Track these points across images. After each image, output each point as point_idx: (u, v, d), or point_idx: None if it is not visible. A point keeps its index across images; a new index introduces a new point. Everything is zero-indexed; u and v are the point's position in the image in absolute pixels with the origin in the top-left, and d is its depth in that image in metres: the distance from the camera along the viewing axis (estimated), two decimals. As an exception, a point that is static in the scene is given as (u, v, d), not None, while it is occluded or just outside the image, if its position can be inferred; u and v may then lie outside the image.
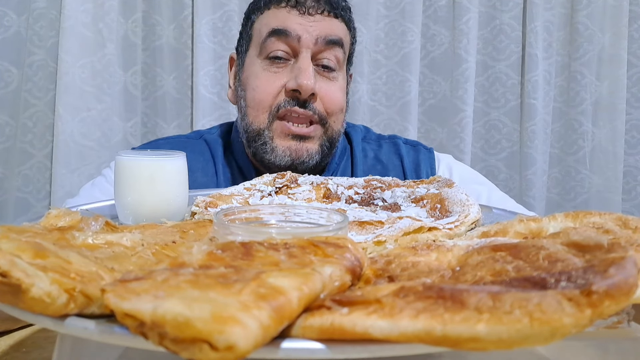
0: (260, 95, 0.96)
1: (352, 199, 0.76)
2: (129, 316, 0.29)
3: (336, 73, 1.00)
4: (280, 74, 0.96)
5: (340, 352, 0.30)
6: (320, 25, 0.97)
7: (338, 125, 1.01)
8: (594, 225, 0.51)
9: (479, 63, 1.83)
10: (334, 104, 0.98)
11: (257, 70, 0.98)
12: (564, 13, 1.85)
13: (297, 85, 0.93)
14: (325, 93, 0.97)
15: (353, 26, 1.06)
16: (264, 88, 0.96)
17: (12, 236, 0.39)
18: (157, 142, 1.16)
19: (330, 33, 0.97)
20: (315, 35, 0.96)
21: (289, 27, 0.96)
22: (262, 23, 0.99)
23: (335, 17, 1.00)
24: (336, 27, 0.99)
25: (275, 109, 0.95)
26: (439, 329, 0.28)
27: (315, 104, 0.96)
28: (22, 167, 1.61)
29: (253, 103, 0.97)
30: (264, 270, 0.33)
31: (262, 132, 0.97)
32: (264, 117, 0.96)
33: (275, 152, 0.96)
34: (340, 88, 1.00)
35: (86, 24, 1.59)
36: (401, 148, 1.13)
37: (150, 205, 0.67)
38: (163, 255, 0.44)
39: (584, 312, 0.28)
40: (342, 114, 1.01)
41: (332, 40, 0.97)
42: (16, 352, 0.62)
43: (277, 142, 0.96)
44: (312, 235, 0.43)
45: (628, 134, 1.90)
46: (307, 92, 0.93)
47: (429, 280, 0.39)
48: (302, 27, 0.96)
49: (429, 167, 1.11)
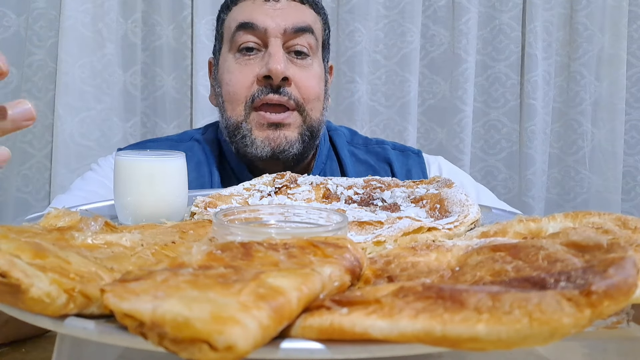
0: (234, 87, 0.96)
1: (351, 199, 0.76)
2: (128, 316, 0.29)
3: (310, 59, 0.98)
4: (252, 65, 0.96)
5: (339, 352, 0.30)
6: (286, 13, 0.96)
7: (317, 113, 0.99)
8: (594, 225, 0.51)
9: (479, 63, 1.83)
10: (308, 89, 0.96)
11: (230, 65, 0.98)
12: (564, 13, 1.85)
13: (267, 71, 0.92)
14: (299, 79, 0.95)
15: (323, 11, 1.04)
16: (237, 80, 0.96)
17: (12, 236, 0.39)
18: (146, 143, 1.15)
19: (298, 21, 0.96)
20: (283, 25, 0.94)
21: (255, 19, 0.95)
22: (231, 19, 0.99)
23: (301, 3, 0.99)
24: (303, 13, 0.98)
25: (250, 99, 0.95)
26: (438, 329, 0.28)
27: (290, 89, 0.94)
28: (22, 167, 1.61)
29: (228, 97, 0.97)
30: (264, 271, 0.33)
31: (240, 124, 0.96)
32: (240, 110, 0.96)
33: (255, 144, 0.95)
34: (314, 74, 0.99)
35: (86, 24, 1.59)
36: (389, 153, 1.11)
37: (149, 205, 0.67)
38: (162, 256, 0.44)
39: (584, 312, 0.28)
40: (319, 101, 0.99)
41: (301, 27, 0.96)
42: (16, 352, 0.62)
43: (256, 134, 0.95)
44: (312, 236, 0.43)
45: (627, 134, 1.90)
46: (278, 76, 0.92)
47: (429, 280, 0.39)
48: (268, 17, 0.95)
49: (420, 171, 1.10)
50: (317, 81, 0.99)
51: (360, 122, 1.74)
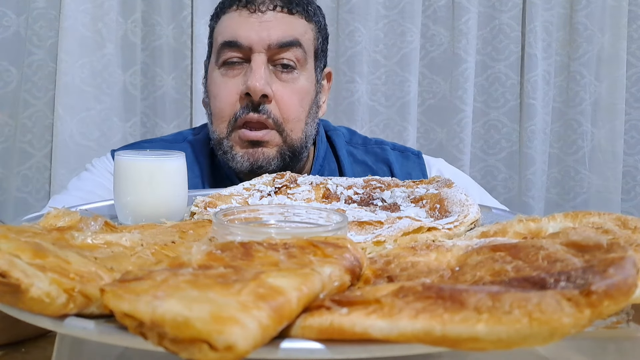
0: (220, 104, 0.97)
1: (351, 199, 0.76)
2: (128, 316, 0.29)
3: (297, 72, 0.96)
4: (236, 79, 0.95)
5: (339, 352, 0.30)
6: (272, 26, 0.94)
7: (297, 133, 0.97)
8: (593, 225, 0.51)
9: (479, 63, 1.83)
10: (289, 108, 0.95)
11: (216, 77, 0.98)
12: (563, 13, 1.85)
13: (246, 88, 0.92)
14: (281, 96, 0.94)
15: (316, 19, 1.01)
16: (223, 97, 0.96)
17: (12, 236, 0.39)
18: (140, 144, 1.15)
19: (284, 35, 0.94)
20: (267, 41, 0.93)
21: (239, 37, 0.93)
22: (218, 32, 0.99)
23: (289, 14, 0.96)
24: (291, 25, 0.96)
25: (234, 118, 0.95)
26: (438, 329, 0.28)
27: (270, 106, 0.94)
28: (22, 167, 1.61)
29: (215, 112, 0.98)
30: (264, 271, 0.33)
31: (222, 141, 0.97)
32: (223, 127, 0.96)
33: (235, 159, 0.96)
34: (299, 90, 0.97)
35: (85, 24, 1.59)
36: (389, 154, 1.10)
37: (149, 205, 0.67)
38: (162, 256, 0.44)
39: (583, 312, 0.28)
40: (299, 122, 0.97)
41: (286, 42, 0.94)
42: (16, 352, 0.62)
43: (236, 150, 0.96)
44: (312, 236, 0.43)
45: (627, 134, 1.90)
46: (256, 94, 0.91)
47: (428, 280, 0.39)
48: (252, 31, 0.93)
49: (421, 174, 1.09)
50: (299, 98, 0.97)
51: (360, 122, 1.74)
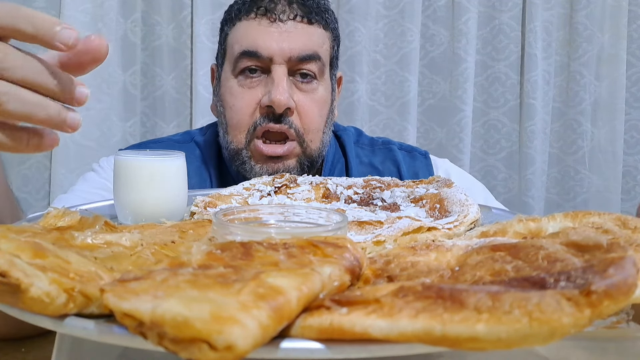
0: (238, 115, 0.96)
1: (351, 199, 0.76)
2: (128, 316, 0.29)
3: (316, 83, 0.97)
4: (255, 90, 0.95)
5: (339, 352, 0.30)
6: (292, 38, 0.93)
7: (316, 143, 0.98)
8: (593, 225, 0.51)
9: (478, 63, 1.83)
10: (310, 120, 0.96)
11: (233, 87, 0.97)
12: (563, 13, 1.85)
13: (269, 101, 0.91)
14: (302, 106, 0.95)
15: (333, 25, 1.02)
16: (240, 107, 0.95)
17: (11, 236, 0.39)
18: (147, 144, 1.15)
19: (304, 48, 0.94)
20: (288, 53, 0.93)
21: (259, 47, 0.93)
22: (234, 39, 0.97)
23: (309, 24, 0.96)
24: (311, 37, 0.96)
25: (252, 128, 0.94)
26: (438, 328, 0.28)
27: (292, 118, 0.94)
28: (22, 167, 1.61)
29: (232, 122, 0.97)
30: (263, 270, 0.33)
31: (241, 152, 0.96)
32: (241, 137, 0.96)
33: (253, 170, 0.95)
34: (319, 100, 0.97)
35: (85, 23, 1.59)
36: (397, 154, 1.11)
37: (149, 205, 0.67)
38: (162, 255, 0.44)
39: (583, 312, 0.28)
40: (319, 132, 0.98)
41: (306, 56, 0.94)
42: (16, 352, 0.62)
43: (255, 162, 0.96)
44: (312, 235, 0.43)
45: (627, 134, 1.90)
46: (280, 107, 0.91)
47: (428, 280, 0.39)
48: (273, 41, 0.93)
49: (428, 174, 1.09)
50: (319, 108, 0.98)
51: (360, 121, 1.74)
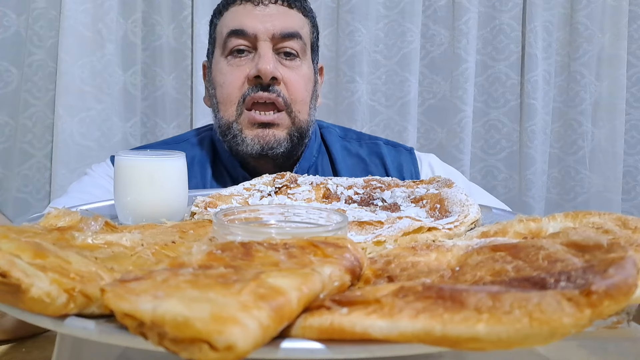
0: (227, 89, 1.00)
1: (351, 199, 0.76)
2: (128, 316, 0.29)
3: (299, 61, 1.02)
4: (243, 66, 1.00)
5: (339, 352, 0.30)
6: (275, 18, 1.00)
7: (304, 114, 1.02)
8: (594, 225, 0.51)
9: (479, 63, 1.83)
10: (296, 90, 1.00)
11: (222, 67, 1.02)
12: (564, 13, 1.85)
13: (257, 71, 0.96)
14: (288, 78, 1.00)
15: (311, 14, 1.08)
16: (230, 82, 1.00)
17: (12, 236, 0.39)
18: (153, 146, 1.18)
19: (286, 26, 1.00)
20: (272, 30, 0.99)
21: (245, 25, 0.99)
22: (222, 25, 1.03)
23: (289, 7, 1.03)
24: (292, 18, 1.02)
25: (242, 99, 0.99)
26: (438, 329, 0.28)
27: (279, 87, 0.99)
28: (22, 167, 1.61)
29: (222, 98, 1.01)
30: (264, 271, 0.33)
31: (232, 124, 1.00)
32: (232, 110, 1.00)
33: (245, 141, 0.99)
34: (303, 75, 1.03)
35: (86, 24, 1.59)
36: (382, 148, 1.15)
37: (149, 205, 0.67)
38: (162, 255, 0.44)
39: (584, 312, 0.28)
40: (305, 104, 1.03)
41: (288, 33, 1.00)
42: (16, 352, 0.62)
43: (246, 133, 0.99)
44: (312, 236, 0.43)
45: (628, 134, 1.90)
46: (267, 76, 0.96)
47: (429, 280, 0.39)
48: (257, 21, 0.99)
49: (412, 167, 1.14)
50: (304, 82, 1.03)
51: (360, 122, 1.74)
